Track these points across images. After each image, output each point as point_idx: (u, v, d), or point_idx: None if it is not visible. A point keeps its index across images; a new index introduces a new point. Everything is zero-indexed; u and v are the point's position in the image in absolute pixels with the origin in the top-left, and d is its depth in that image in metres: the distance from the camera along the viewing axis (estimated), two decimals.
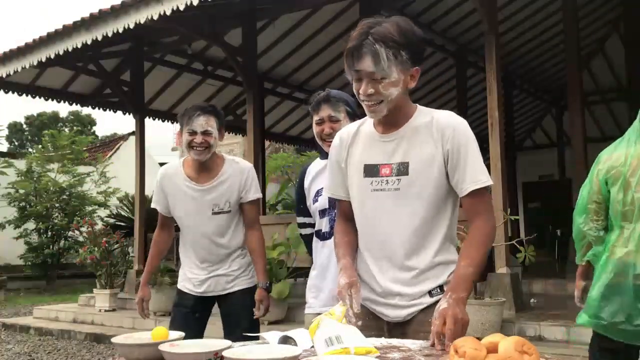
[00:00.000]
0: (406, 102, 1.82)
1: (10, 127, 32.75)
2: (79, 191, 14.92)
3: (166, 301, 7.94)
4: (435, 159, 1.77)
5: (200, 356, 1.41)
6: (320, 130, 2.49)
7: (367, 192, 1.84)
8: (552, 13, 9.99)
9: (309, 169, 2.65)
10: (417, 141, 1.79)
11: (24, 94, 9.40)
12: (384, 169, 1.81)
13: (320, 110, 2.49)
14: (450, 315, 1.61)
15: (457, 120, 1.80)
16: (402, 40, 1.72)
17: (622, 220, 2.45)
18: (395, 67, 1.72)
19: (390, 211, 1.81)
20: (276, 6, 8.30)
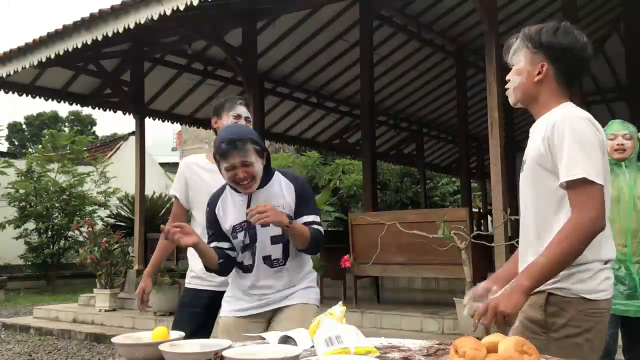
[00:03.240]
0: (549, 98, 1.90)
1: (10, 127, 32.74)
2: (79, 191, 14.91)
3: (166, 301, 7.94)
4: (539, 148, 1.84)
5: (200, 356, 1.41)
6: (232, 175, 2.33)
7: (521, 183, 1.97)
8: (552, 13, 9.98)
9: (220, 204, 2.49)
10: (536, 134, 1.90)
11: (24, 94, 9.40)
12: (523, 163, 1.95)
13: (228, 157, 2.31)
14: (491, 306, 1.66)
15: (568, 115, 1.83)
16: (534, 35, 1.92)
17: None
18: (523, 56, 1.93)
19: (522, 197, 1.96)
20: (276, 6, 8.29)
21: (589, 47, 1.93)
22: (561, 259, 1.71)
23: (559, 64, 1.88)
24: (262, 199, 2.39)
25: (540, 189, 1.84)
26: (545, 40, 1.88)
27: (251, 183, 2.36)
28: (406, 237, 6.35)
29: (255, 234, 2.41)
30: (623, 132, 3.33)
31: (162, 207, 13.63)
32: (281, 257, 2.45)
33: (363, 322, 6.44)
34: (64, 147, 15.65)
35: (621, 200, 3.20)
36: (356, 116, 12.31)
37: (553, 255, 1.70)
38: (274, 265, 2.45)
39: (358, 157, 14.71)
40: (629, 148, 3.31)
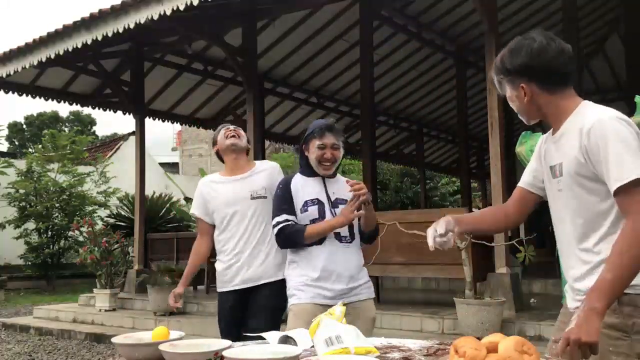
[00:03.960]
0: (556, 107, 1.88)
1: (10, 127, 32.74)
2: (79, 191, 14.91)
3: (166, 301, 7.90)
4: (579, 158, 1.78)
5: (200, 356, 1.42)
6: (321, 154, 2.76)
7: (555, 192, 1.93)
8: (552, 13, 10.00)
9: (294, 181, 2.85)
10: (566, 141, 1.84)
11: (24, 94, 9.40)
12: (556, 169, 1.90)
13: (324, 137, 2.77)
14: (573, 340, 1.55)
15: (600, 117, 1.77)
16: (500, 65, 1.95)
17: None
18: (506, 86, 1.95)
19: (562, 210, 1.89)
20: (276, 6, 8.30)
21: (552, 46, 1.86)
22: (628, 270, 1.65)
23: (532, 78, 1.87)
24: (335, 186, 2.81)
25: (584, 198, 1.80)
26: (509, 65, 1.90)
27: (332, 166, 2.78)
28: (406, 237, 6.35)
29: (324, 210, 2.75)
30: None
31: (162, 207, 13.62)
32: (348, 235, 2.76)
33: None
34: (64, 147, 15.64)
35: None
36: (356, 116, 12.32)
37: (619, 268, 1.63)
38: (343, 241, 2.74)
39: (358, 157, 14.71)
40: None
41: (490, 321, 5.35)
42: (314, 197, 2.78)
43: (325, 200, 2.79)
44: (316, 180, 2.83)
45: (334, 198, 2.81)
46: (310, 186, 2.82)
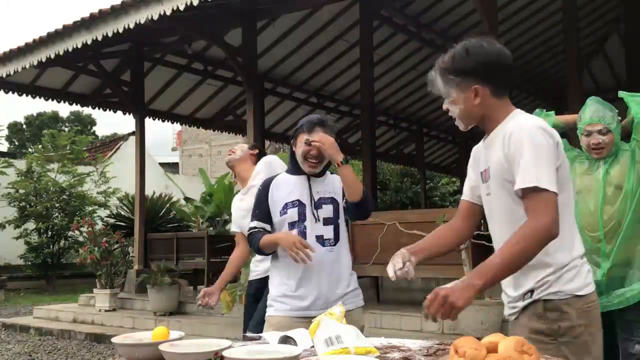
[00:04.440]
0: (495, 112, 1.92)
1: (10, 127, 32.73)
2: (79, 191, 14.91)
3: (166, 301, 7.95)
4: (501, 162, 1.85)
5: (200, 356, 1.42)
6: (307, 150, 2.59)
7: (484, 197, 2.01)
8: (552, 13, 9.99)
9: (276, 180, 2.72)
10: (493, 147, 1.91)
11: (24, 94, 9.40)
12: (485, 174, 1.97)
13: (312, 132, 2.58)
14: (442, 295, 1.63)
15: (522, 125, 1.84)
16: (451, 65, 1.92)
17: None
18: (452, 88, 1.93)
19: (492, 214, 1.97)
20: (276, 6, 8.30)
21: (506, 52, 1.93)
22: (515, 261, 1.74)
23: (489, 79, 1.88)
24: (321, 186, 2.66)
25: (510, 202, 1.86)
26: (464, 66, 1.88)
27: (318, 164, 2.62)
28: (406, 237, 6.35)
29: (305, 212, 2.59)
30: (598, 126, 2.90)
31: (162, 207, 13.62)
32: (332, 238, 2.60)
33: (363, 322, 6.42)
34: (64, 147, 15.64)
35: (594, 192, 2.92)
36: (356, 116, 12.31)
37: (508, 257, 1.72)
38: (326, 245, 2.58)
39: (358, 157, 14.71)
40: (607, 145, 2.90)
41: (490, 321, 5.36)
42: (295, 199, 2.63)
43: (307, 201, 2.62)
44: (301, 178, 2.67)
45: (317, 198, 2.64)
46: (293, 185, 2.66)
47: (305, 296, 2.54)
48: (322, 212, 2.62)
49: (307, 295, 2.54)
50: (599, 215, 2.84)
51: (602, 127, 2.89)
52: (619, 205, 2.83)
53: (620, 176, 2.88)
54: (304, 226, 2.59)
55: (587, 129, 2.93)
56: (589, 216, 2.86)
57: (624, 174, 2.88)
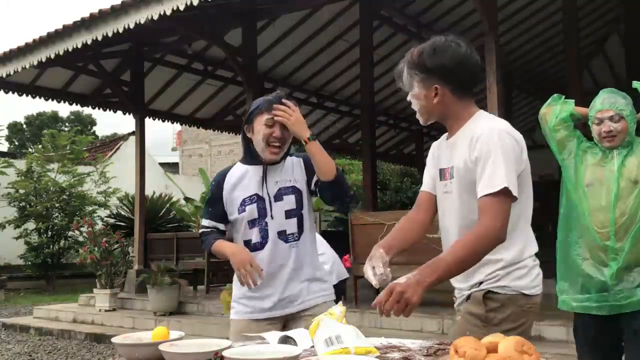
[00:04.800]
0: (458, 112, 1.96)
1: (10, 127, 32.72)
2: (79, 191, 14.90)
3: (166, 301, 7.95)
4: (467, 164, 1.88)
5: (200, 356, 1.41)
6: (269, 132, 2.34)
7: (441, 194, 2.03)
8: (552, 13, 9.99)
9: (230, 174, 2.48)
10: (459, 147, 1.93)
11: (24, 94, 9.40)
12: (447, 172, 1.98)
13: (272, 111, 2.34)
14: (398, 291, 1.64)
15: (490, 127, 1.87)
16: (417, 61, 1.95)
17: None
18: (415, 83, 1.96)
19: (449, 213, 1.99)
20: (276, 6, 8.29)
21: (473, 55, 1.94)
22: (465, 261, 1.78)
23: (450, 82, 1.90)
24: (278, 173, 2.42)
25: (471, 203, 1.87)
26: (429, 64, 1.90)
27: (279, 149, 2.38)
28: None
29: (265, 208, 2.39)
30: (609, 112, 2.72)
31: (162, 207, 13.62)
32: (296, 232, 2.41)
33: (363, 322, 6.43)
34: (64, 147, 15.64)
35: (606, 185, 2.70)
36: (356, 116, 12.31)
37: (459, 257, 1.76)
38: (289, 240, 2.40)
39: (358, 157, 14.70)
40: (619, 133, 2.71)
41: None
42: (252, 193, 2.40)
43: (266, 194, 2.39)
44: (256, 169, 2.43)
45: (276, 189, 2.39)
46: (249, 178, 2.43)
47: (267, 297, 2.38)
48: (283, 204, 2.39)
49: (270, 296, 2.38)
50: (611, 210, 2.64)
51: (614, 113, 2.71)
52: (633, 201, 2.63)
53: (637, 169, 2.68)
54: (264, 223, 2.39)
55: (597, 117, 2.76)
56: (599, 211, 2.67)
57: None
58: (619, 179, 2.67)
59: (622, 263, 2.61)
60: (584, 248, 2.73)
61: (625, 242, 2.62)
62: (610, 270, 2.63)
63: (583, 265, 2.72)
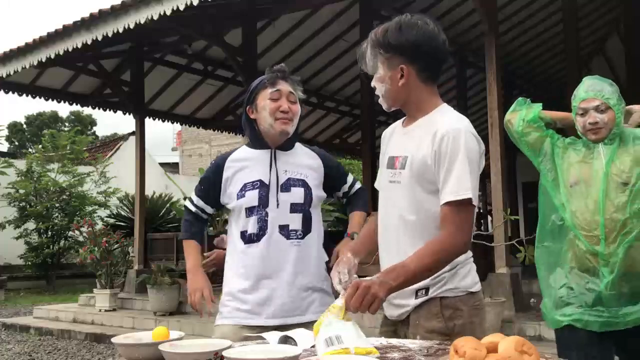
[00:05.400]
0: (421, 98, 1.85)
1: (10, 127, 32.72)
2: (79, 191, 14.90)
3: (166, 301, 7.95)
4: (426, 159, 1.77)
5: (200, 356, 1.41)
6: (276, 106, 2.16)
7: (385, 182, 1.91)
8: (552, 13, 9.99)
9: (233, 156, 2.26)
10: (417, 137, 1.81)
11: (24, 94, 9.40)
12: (397, 161, 1.86)
13: (277, 83, 2.20)
14: (364, 285, 1.59)
15: (456, 126, 1.77)
16: (382, 39, 1.80)
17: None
18: (380, 63, 1.82)
19: (393, 202, 1.86)
20: (276, 6, 8.30)
21: (440, 35, 1.81)
22: (428, 270, 1.72)
23: (416, 61, 1.79)
24: (290, 161, 2.22)
25: (422, 197, 1.79)
26: (394, 42, 1.78)
27: (290, 122, 2.18)
28: None
29: (267, 196, 2.15)
30: (595, 102, 2.42)
31: (162, 207, 13.62)
32: (300, 229, 2.16)
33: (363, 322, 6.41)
34: (64, 147, 15.64)
35: (594, 183, 2.39)
36: (356, 116, 12.31)
37: (424, 266, 1.69)
38: (291, 237, 2.15)
39: (358, 157, 14.70)
40: (606, 124, 2.40)
41: (490, 321, 5.35)
42: (255, 179, 2.17)
43: (273, 182, 2.16)
44: (264, 154, 2.20)
45: (285, 178, 2.18)
46: (254, 162, 2.20)
47: (261, 302, 2.12)
48: (290, 196, 2.16)
49: (264, 302, 2.12)
50: (600, 211, 2.33)
51: (600, 102, 2.41)
52: (624, 203, 2.32)
53: (630, 170, 2.37)
54: (264, 213, 2.14)
55: (581, 107, 2.45)
56: (586, 212, 2.36)
57: (634, 167, 2.37)
58: (608, 177, 2.36)
59: (618, 271, 2.29)
60: (571, 255, 2.40)
61: (618, 247, 2.29)
62: (605, 280, 2.30)
63: (570, 275, 2.40)
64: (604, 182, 2.36)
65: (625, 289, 2.30)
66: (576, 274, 2.38)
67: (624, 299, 2.30)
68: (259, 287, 2.14)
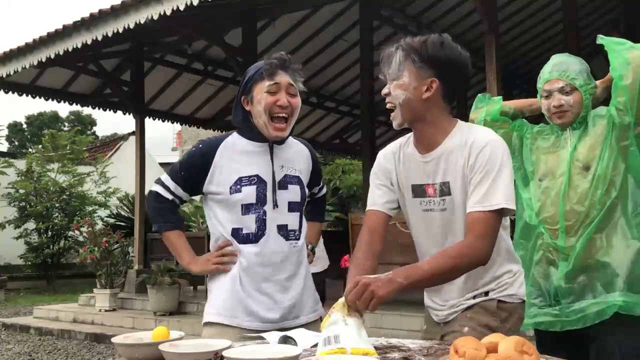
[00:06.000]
0: (439, 116, 1.81)
1: (10, 127, 32.71)
2: (79, 191, 14.91)
3: (166, 301, 7.95)
4: (464, 173, 1.75)
5: (200, 356, 1.41)
6: (272, 100, 1.96)
7: (419, 212, 1.87)
8: (552, 13, 9.99)
9: (227, 143, 2.05)
10: (453, 159, 1.78)
11: (24, 94, 9.40)
12: (429, 189, 1.82)
13: (276, 75, 1.97)
14: (362, 282, 1.55)
15: (494, 137, 1.78)
16: (420, 48, 1.75)
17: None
18: (408, 70, 1.76)
19: (443, 230, 1.83)
20: (276, 6, 8.30)
21: (470, 63, 1.85)
22: (443, 275, 1.69)
23: (447, 79, 1.78)
24: (285, 155, 2.07)
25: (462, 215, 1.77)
26: (433, 54, 1.75)
27: (286, 123, 2.01)
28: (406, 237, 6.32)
29: (266, 194, 2.00)
30: (559, 83, 2.26)
31: None
32: (297, 229, 2.06)
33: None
34: (64, 147, 15.65)
35: (558, 174, 2.23)
36: (356, 116, 12.31)
37: (437, 269, 1.66)
38: (290, 238, 2.03)
39: (358, 157, 14.70)
40: (572, 107, 2.23)
41: None
42: (253, 174, 2.00)
43: (269, 179, 2.01)
44: (260, 147, 2.04)
45: (282, 175, 2.03)
46: (250, 154, 2.03)
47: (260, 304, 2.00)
48: (288, 194, 2.04)
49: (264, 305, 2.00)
50: (560, 204, 2.17)
51: (564, 83, 2.25)
52: (586, 191, 2.15)
53: (590, 153, 2.19)
54: (262, 212, 2.00)
55: (545, 89, 2.28)
56: (551, 206, 2.21)
57: (595, 149, 2.18)
58: (571, 166, 2.19)
59: (574, 265, 2.14)
60: (538, 252, 2.26)
61: (577, 239, 2.15)
62: (560, 273, 2.17)
63: (534, 270, 2.26)
64: (568, 171, 2.19)
65: (580, 282, 2.16)
66: (540, 271, 2.25)
67: (578, 293, 2.16)
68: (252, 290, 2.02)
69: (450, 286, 1.84)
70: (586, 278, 2.15)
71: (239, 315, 2.00)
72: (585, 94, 2.26)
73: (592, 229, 2.13)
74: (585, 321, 2.12)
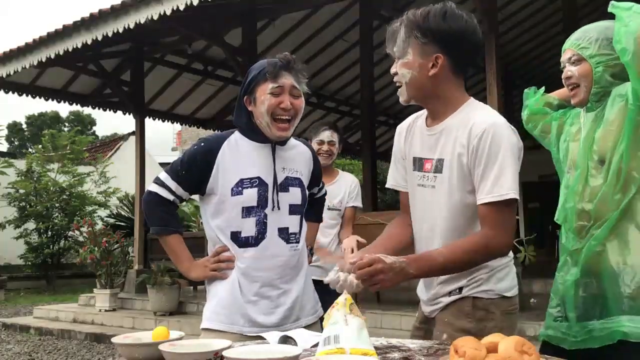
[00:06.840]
0: (449, 92, 1.74)
1: (10, 127, 32.73)
2: (79, 191, 14.92)
3: (166, 301, 7.95)
4: (462, 158, 1.69)
5: (200, 356, 1.41)
6: (275, 102, 1.92)
7: (414, 185, 1.84)
8: (552, 13, 10.00)
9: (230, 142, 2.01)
10: (452, 137, 1.71)
11: (24, 94, 9.41)
12: (427, 164, 1.78)
13: (280, 77, 1.93)
14: (378, 268, 1.55)
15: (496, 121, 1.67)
16: (422, 23, 1.67)
17: None
18: (412, 48, 1.69)
19: (427, 208, 1.79)
20: (276, 6, 8.30)
21: (479, 30, 1.71)
22: (457, 267, 1.68)
23: (453, 53, 1.67)
24: (286, 156, 2.04)
25: (464, 197, 1.71)
26: (436, 28, 1.65)
27: (289, 124, 1.97)
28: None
29: (267, 196, 1.96)
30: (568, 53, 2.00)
31: None
32: (298, 232, 2.03)
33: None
34: (64, 147, 15.65)
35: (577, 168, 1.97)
36: (356, 116, 12.31)
37: (452, 261, 1.64)
38: (291, 241, 2.00)
39: (358, 157, 14.70)
40: (580, 79, 1.94)
41: None
42: (254, 175, 1.96)
43: (271, 180, 1.98)
44: (263, 147, 2.01)
45: (284, 177, 2.00)
46: (251, 155, 1.99)
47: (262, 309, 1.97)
48: (289, 196, 2.00)
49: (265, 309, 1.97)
50: (571, 200, 1.98)
51: (572, 53, 1.96)
52: (599, 188, 1.87)
53: (604, 142, 1.87)
54: (263, 215, 1.96)
55: (562, 61, 2.05)
56: (567, 203, 2.02)
57: (610, 138, 1.85)
58: (584, 157, 1.92)
59: (579, 272, 1.90)
60: (562, 256, 2.04)
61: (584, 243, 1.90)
62: (570, 279, 1.94)
63: (557, 275, 2.03)
64: (584, 162, 1.92)
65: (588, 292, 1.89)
66: (560, 276, 2.02)
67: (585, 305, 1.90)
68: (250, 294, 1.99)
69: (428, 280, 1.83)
70: (595, 288, 1.88)
71: (238, 322, 1.97)
72: (595, 65, 1.90)
73: (604, 232, 1.85)
74: (592, 343, 1.88)
